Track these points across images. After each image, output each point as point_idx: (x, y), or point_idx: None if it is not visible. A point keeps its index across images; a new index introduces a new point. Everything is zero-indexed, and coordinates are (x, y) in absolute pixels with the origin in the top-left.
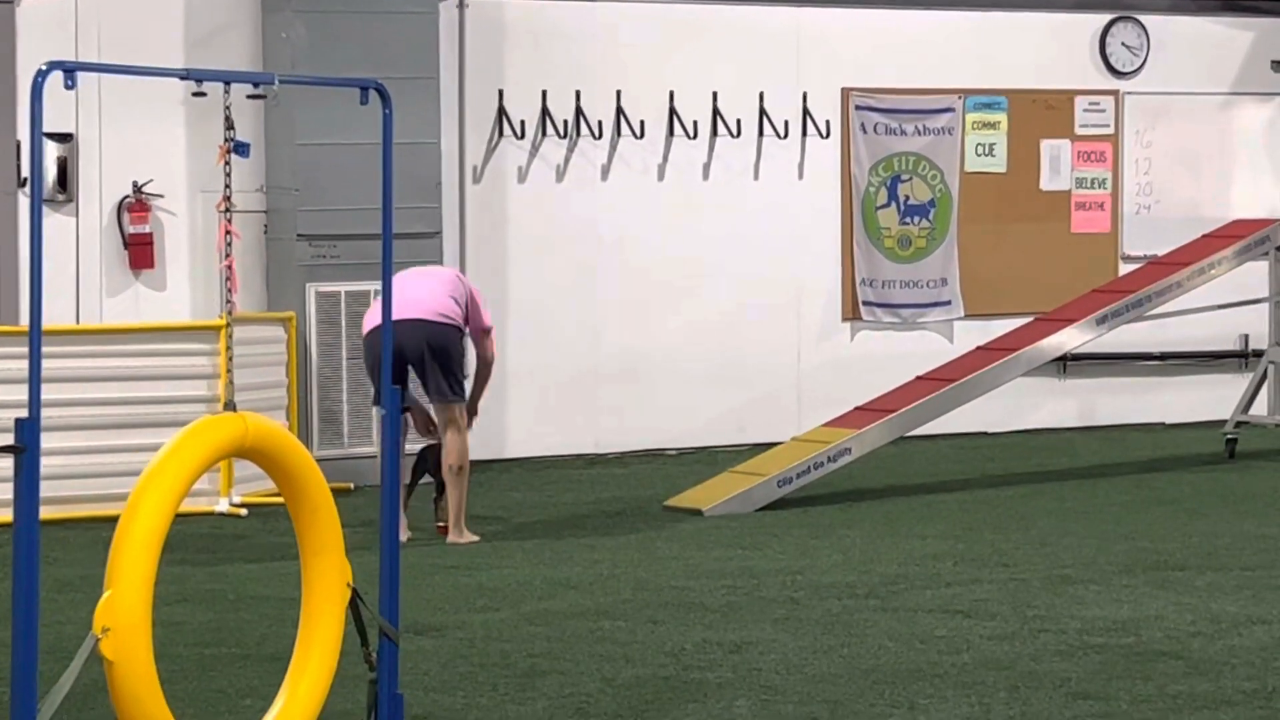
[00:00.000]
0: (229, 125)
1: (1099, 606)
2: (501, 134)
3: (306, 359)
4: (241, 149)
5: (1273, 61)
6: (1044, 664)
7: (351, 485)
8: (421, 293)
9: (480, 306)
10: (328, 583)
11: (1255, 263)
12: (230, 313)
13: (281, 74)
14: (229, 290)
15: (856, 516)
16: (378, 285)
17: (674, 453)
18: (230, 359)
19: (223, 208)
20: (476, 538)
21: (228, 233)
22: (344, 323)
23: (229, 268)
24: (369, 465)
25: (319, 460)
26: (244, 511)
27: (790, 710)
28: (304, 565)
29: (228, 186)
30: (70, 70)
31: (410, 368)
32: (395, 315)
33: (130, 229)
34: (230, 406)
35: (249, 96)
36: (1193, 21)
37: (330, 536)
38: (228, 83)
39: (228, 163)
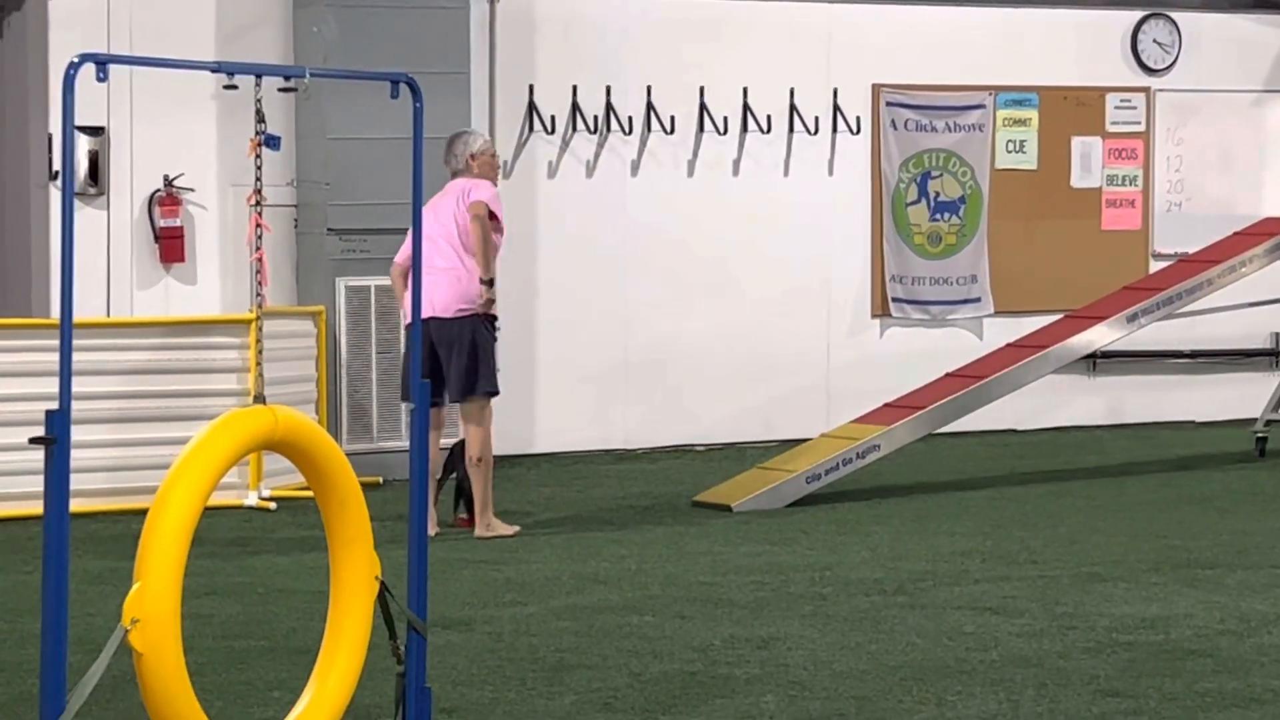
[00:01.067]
0: (260, 119)
1: (1128, 604)
2: (532, 129)
3: (336, 353)
4: (272, 142)
5: None
6: (1072, 661)
7: (380, 479)
8: (437, 277)
9: (487, 197)
10: (356, 576)
11: None
12: (260, 306)
13: (312, 68)
14: (259, 284)
15: (885, 513)
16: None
17: (703, 448)
18: (260, 352)
19: (253, 201)
20: (509, 530)
21: (258, 226)
22: (373, 317)
23: (259, 261)
24: (398, 459)
25: (348, 454)
26: (273, 505)
27: (817, 706)
28: (332, 558)
29: (258, 180)
30: (102, 63)
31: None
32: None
33: (161, 222)
34: (260, 400)
35: (280, 90)
36: (1225, 19)
37: (359, 530)
38: (259, 76)
39: (258, 156)
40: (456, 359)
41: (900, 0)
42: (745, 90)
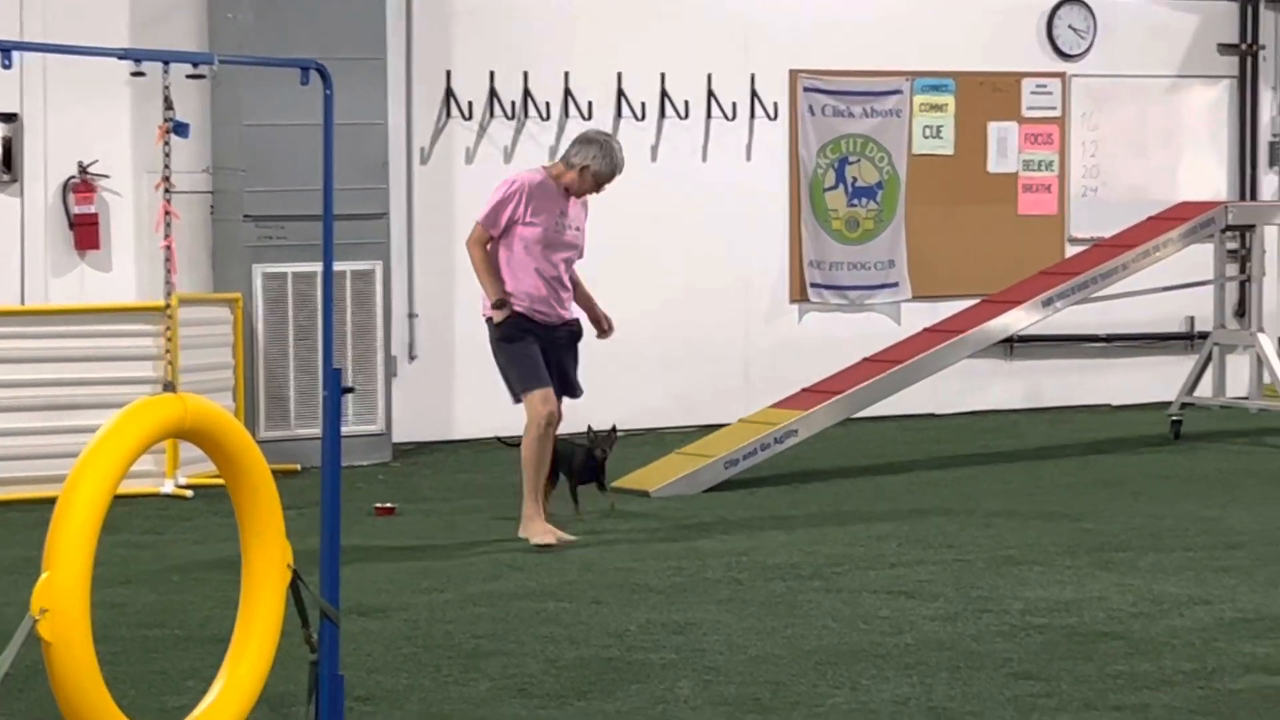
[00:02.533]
0: (168, 105)
1: (1042, 587)
2: (449, 115)
3: (253, 340)
4: (181, 129)
5: (1219, 44)
6: (986, 644)
7: (298, 466)
8: None
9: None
10: (268, 564)
11: (1201, 245)
12: (170, 294)
13: (222, 55)
14: (169, 271)
15: (803, 498)
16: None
17: (621, 434)
18: (171, 340)
19: (162, 188)
20: (545, 539)
21: (167, 213)
22: (290, 304)
23: (168, 249)
24: (316, 446)
25: (265, 442)
26: (189, 493)
27: (732, 691)
28: (244, 547)
29: (167, 167)
30: (6, 50)
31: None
32: None
33: (76, 209)
34: (169, 388)
35: (188, 77)
36: (1139, 4)
37: (270, 518)
38: (166, 63)
39: (167, 143)
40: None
41: None
42: (663, 76)
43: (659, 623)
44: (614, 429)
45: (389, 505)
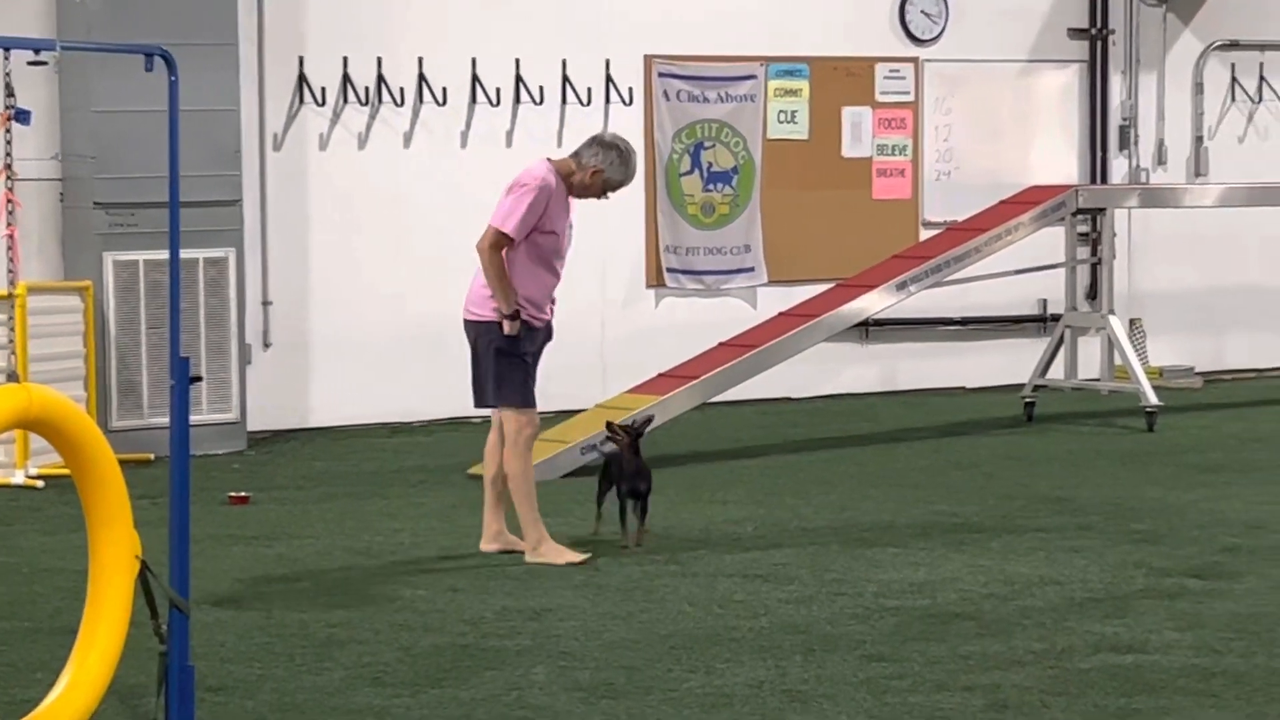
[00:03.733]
0: (9, 93)
1: (895, 569)
2: (302, 101)
3: (104, 329)
4: (22, 116)
5: (1069, 29)
6: (840, 627)
7: (151, 456)
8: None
9: (505, 203)
10: (116, 555)
11: (1052, 228)
12: (13, 282)
13: (65, 40)
14: (11, 260)
15: (659, 483)
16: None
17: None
18: (14, 330)
19: (3, 176)
20: (564, 559)
21: (9, 201)
22: (142, 292)
23: (10, 237)
24: (169, 435)
25: (118, 432)
26: (40, 483)
27: (587, 676)
28: (91, 538)
29: (9, 155)
30: None
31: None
32: None
33: None
34: (12, 378)
35: (29, 63)
36: None
37: (118, 509)
38: (7, 49)
39: (8, 130)
40: (476, 363)
41: None
42: (517, 61)
43: (514, 609)
44: (650, 419)
45: (243, 494)
